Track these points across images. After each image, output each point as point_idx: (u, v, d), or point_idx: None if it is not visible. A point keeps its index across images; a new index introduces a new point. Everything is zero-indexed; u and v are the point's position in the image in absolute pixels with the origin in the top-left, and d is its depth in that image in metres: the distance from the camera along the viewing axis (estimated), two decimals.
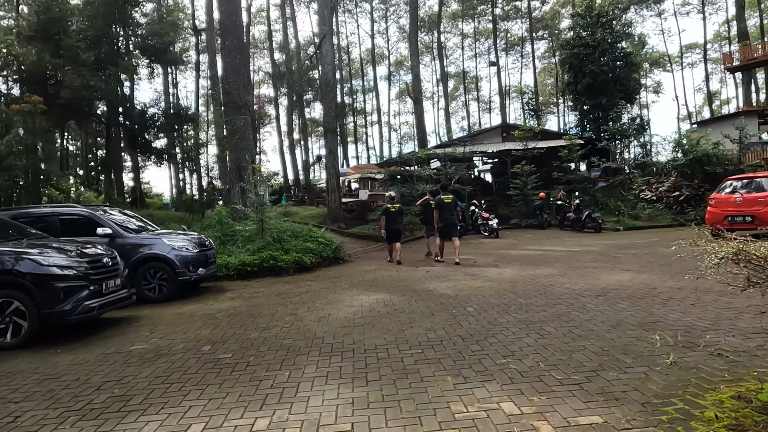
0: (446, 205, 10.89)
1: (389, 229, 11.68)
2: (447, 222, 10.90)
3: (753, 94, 39.47)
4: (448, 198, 11.00)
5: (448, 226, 10.97)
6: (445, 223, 10.92)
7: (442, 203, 10.87)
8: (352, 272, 10.40)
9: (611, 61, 25.31)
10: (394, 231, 11.72)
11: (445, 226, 10.97)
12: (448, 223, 10.92)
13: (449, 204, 10.94)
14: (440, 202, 10.90)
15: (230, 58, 13.63)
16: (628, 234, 15.24)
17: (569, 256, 10.69)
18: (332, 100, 19.59)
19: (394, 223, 11.72)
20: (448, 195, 11.12)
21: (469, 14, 62.76)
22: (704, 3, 55.06)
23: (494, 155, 26.54)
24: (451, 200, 11.01)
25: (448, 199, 10.98)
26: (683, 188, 18.41)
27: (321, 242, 12.01)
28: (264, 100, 62.79)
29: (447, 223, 10.92)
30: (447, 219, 10.88)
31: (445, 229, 11.02)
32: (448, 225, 10.94)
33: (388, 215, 11.64)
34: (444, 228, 11.01)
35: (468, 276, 8.70)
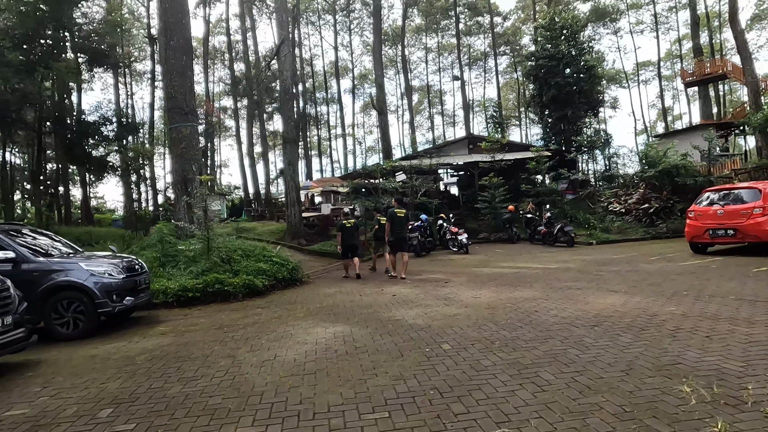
0: (398, 219, 10.77)
1: (346, 244, 11.54)
2: (398, 236, 10.79)
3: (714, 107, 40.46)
4: (401, 212, 10.91)
5: (399, 241, 10.84)
6: (396, 237, 10.79)
7: (394, 216, 10.75)
8: (309, 296, 9.23)
9: (575, 74, 25.22)
10: (351, 246, 11.59)
11: (396, 240, 10.83)
12: (399, 237, 10.81)
13: (401, 218, 10.84)
14: (392, 215, 10.78)
15: (175, 60, 12.37)
16: (601, 248, 14.66)
17: (547, 274, 9.85)
18: (291, 108, 18.48)
19: (351, 238, 11.63)
20: (401, 209, 11.04)
21: (433, 28, 63.15)
22: (657, 22, 56.94)
23: (461, 167, 25.93)
24: (403, 214, 10.93)
25: (401, 213, 10.89)
26: (652, 200, 18.12)
27: (276, 262, 10.80)
28: (224, 113, 61.02)
29: (398, 237, 10.80)
30: (398, 233, 10.77)
31: (396, 243, 10.87)
32: (399, 239, 10.82)
33: (344, 231, 11.55)
34: (395, 242, 10.87)
35: (440, 301, 7.69)
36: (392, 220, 10.78)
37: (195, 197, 10.48)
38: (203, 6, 45.81)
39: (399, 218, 10.83)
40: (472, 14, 59.35)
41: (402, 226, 10.91)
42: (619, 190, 20.59)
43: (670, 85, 66.46)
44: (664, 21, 58.52)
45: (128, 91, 48.54)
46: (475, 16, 60.01)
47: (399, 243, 10.89)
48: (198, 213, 10.40)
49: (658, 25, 56.76)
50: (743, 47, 22.11)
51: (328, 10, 59.44)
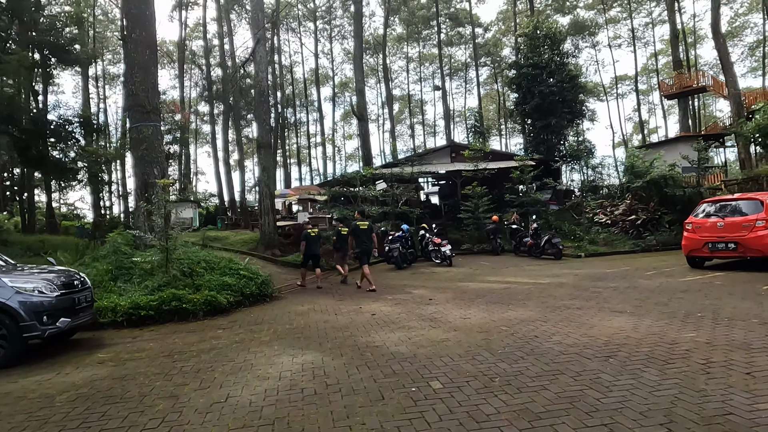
0: (362, 232, 10.82)
1: (308, 253, 11.65)
2: (363, 248, 10.82)
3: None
4: (364, 224, 10.99)
5: (364, 253, 10.85)
6: (362, 248, 10.81)
7: (357, 229, 10.82)
8: (279, 314, 8.26)
9: (559, 83, 24.89)
10: (314, 256, 11.76)
11: (362, 252, 10.84)
12: (364, 249, 10.84)
13: (365, 230, 10.90)
14: (355, 228, 10.86)
15: (137, 54, 11.36)
16: (591, 261, 14.02)
17: (539, 290, 9.08)
18: (267, 112, 17.53)
19: (314, 247, 11.75)
20: (363, 222, 11.14)
21: (414, 38, 63.00)
22: (634, 37, 57.79)
23: (443, 176, 25.27)
24: (366, 226, 11.01)
25: (364, 225, 10.97)
26: (639, 212, 17.64)
27: (243, 275, 9.79)
28: (201, 120, 59.55)
29: (363, 250, 10.83)
30: (364, 245, 10.83)
31: (361, 255, 10.89)
32: (364, 251, 10.84)
33: (307, 240, 11.60)
34: (360, 254, 10.89)
35: (425, 322, 6.82)
36: (356, 232, 10.83)
37: (154, 203, 9.42)
38: (179, 9, 44.68)
39: (362, 230, 10.85)
40: (453, 24, 59.39)
41: (366, 238, 10.92)
42: (605, 201, 20.12)
43: (645, 99, 67.44)
44: (641, 36, 59.46)
45: (101, 94, 46.93)
46: (457, 26, 60.08)
47: (364, 255, 10.86)
48: (157, 221, 9.34)
49: (635, 39, 57.60)
50: (725, 58, 22.04)
51: (309, 17, 58.81)
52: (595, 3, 56.71)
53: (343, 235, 12.24)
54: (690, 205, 16.43)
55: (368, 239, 10.99)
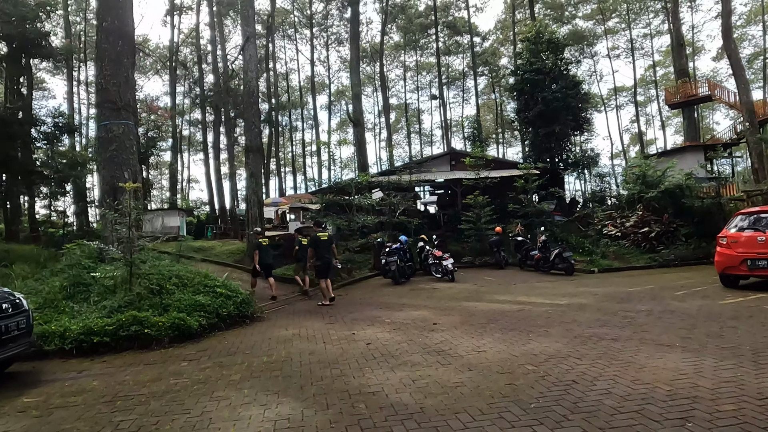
0: (322, 243, 10.60)
1: (262, 263, 11.45)
2: (325, 260, 10.53)
3: None
4: (324, 236, 10.82)
5: (326, 266, 10.58)
6: (323, 261, 10.51)
7: (318, 241, 10.61)
8: (257, 342, 7.04)
9: (563, 89, 23.92)
10: (267, 265, 11.64)
11: (323, 265, 10.54)
12: (325, 262, 10.55)
13: (325, 242, 10.68)
14: (315, 239, 10.65)
15: (108, 44, 10.23)
16: (605, 278, 12.87)
17: (560, 314, 7.91)
18: (257, 114, 16.41)
19: (268, 257, 11.66)
20: (323, 233, 11.00)
21: (411, 46, 62.33)
22: (633, 48, 57.41)
23: (443, 185, 24.18)
24: (326, 237, 10.84)
25: (324, 236, 10.78)
26: (652, 224, 16.55)
27: (220, 293, 8.57)
28: (193, 125, 58.46)
29: (325, 262, 10.54)
30: (324, 257, 10.53)
31: (322, 268, 10.57)
32: (325, 264, 10.55)
33: (260, 249, 11.46)
34: (322, 267, 10.57)
35: (431, 356, 5.64)
36: (315, 244, 10.57)
37: (119, 210, 8.22)
38: (171, 14, 43.75)
39: (323, 242, 10.61)
40: (451, 33, 58.71)
41: (327, 251, 10.66)
42: (614, 212, 19.02)
43: (643, 110, 66.95)
44: (639, 47, 59.11)
45: (85, 93, 45.63)
46: (454, 35, 59.43)
47: (325, 268, 10.57)
48: (121, 230, 8.13)
49: (634, 51, 57.20)
50: (737, 64, 21.13)
51: (305, 24, 58.01)
52: (593, 13, 56.32)
53: (303, 245, 12.15)
54: (709, 216, 15.41)
55: (328, 252, 10.71)
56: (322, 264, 10.51)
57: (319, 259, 10.53)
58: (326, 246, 10.68)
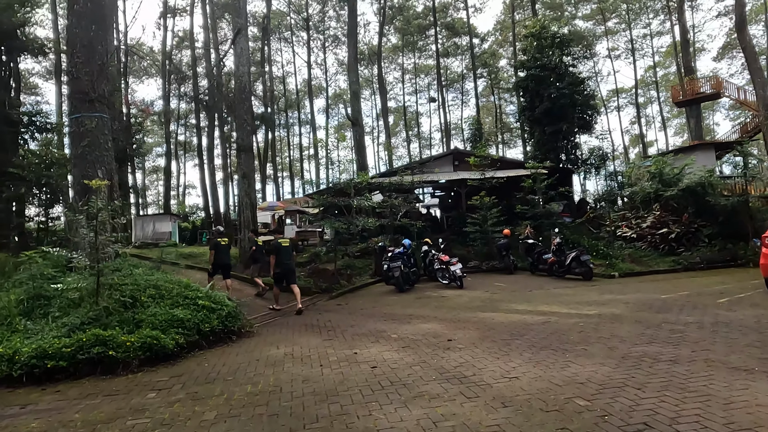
0: (283, 249, 10.38)
1: (218, 263, 11.13)
2: (285, 267, 10.29)
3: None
4: (285, 242, 10.65)
5: (286, 272, 10.35)
6: (282, 268, 10.27)
7: (279, 247, 10.38)
8: (242, 365, 5.98)
9: (570, 85, 22.96)
10: (225, 266, 11.26)
11: (283, 272, 10.31)
12: (286, 268, 10.33)
13: (286, 248, 10.49)
14: (277, 246, 10.43)
15: (80, 29, 9.23)
16: (629, 283, 11.81)
17: (593, 326, 6.86)
18: (249, 110, 15.41)
19: (225, 257, 11.29)
20: (285, 239, 10.83)
21: (409, 48, 61.54)
22: (633, 49, 56.69)
23: (446, 186, 23.16)
24: (288, 244, 10.68)
25: (285, 243, 10.61)
26: (671, 224, 15.53)
27: (203, 306, 7.50)
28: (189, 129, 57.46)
29: (285, 269, 10.30)
30: (285, 264, 10.31)
31: (283, 275, 10.33)
32: (286, 271, 10.32)
33: (217, 249, 11.09)
34: (282, 274, 10.32)
35: (452, 384, 4.59)
36: (277, 251, 10.33)
37: (84, 211, 7.17)
38: (164, 17, 42.87)
39: (284, 248, 10.40)
40: (450, 34, 57.93)
41: (288, 257, 10.47)
42: (627, 212, 18.00)
43: (643, 112, 66.17)
44: (639, 48, 58.43)
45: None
46: (453, 36, 58.66)
47: (286, 275, 10.34)
48: (87, 234, 7.09)
49: (634, 51, 56.49)
50: (752, 58, 20.23)
51: (302, 27, 57.18)
52: (593, 13, 55.61)
53: (260, 246, 12.07)
54: (735, 216, 14.40)
55: (289, 258, 10.51)
56: (282, 271, 10.30)
57: (278, 266, 10.27)
58: (287, 253, 10.50)
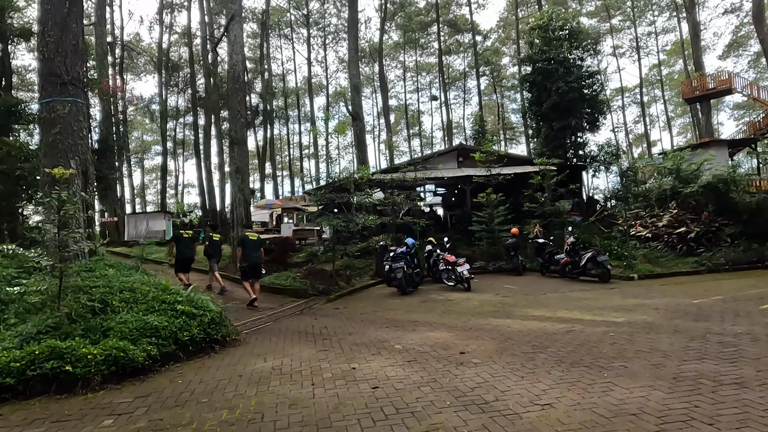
0: (251, 243, 10.23)
1: (181, 256, 10.87)
2: (252, 261, 10.15)
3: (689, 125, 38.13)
4: (253, 236, 10.50)
5: (254, 267, 10.21)
6: (250, 262, 10.12)
7: (246, 240, 10.24)
8: (222, 382, 5.12)
9: (578, 79, 22.08)
10: (187, 259, 11.08)
11: (250, 266, 10.16)
12: (253, 263, 10.19)
13: (254, 242, 10.31)
14: (244, 239, 10.32)
15: (52, 5, 8.38)
16: (651, 285, 10.91)
17: (627, 337, 6.00)
18: (243, 101, 14.56)
19: (187, 251, 11.04)
20: (253, 233, 10.62)
21: (411, 45, 60.75)
22: (638, 47, 55.87)
23: (450, 183, 22.30)
24: (255, 238, 10.48)
25: (253, 236, 10.46)
26: (689, 223, 14.67)
27: (182, 311, 6.64)
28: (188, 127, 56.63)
29: (252, 263, 10.16)
30: (252, 258, 10.16)
31: (249, 269, 10.18)
32: (253, 265, 10.19)
33: (179, 242, 10.77)
34: (249, 268, 10.16)
35: (472, 414, 3.73)
36: (244, 244, 10.17)
37: (47, 205, 6.31)
38: (161, 12, 42.09)
39: (252, 242, 10.23)
40: (452, 32, 57.14)
41: (256, 251, 10.28)
42: (641, 210, 17.13)
43: (646, 111, 65.40)
44: (644, 46, 57.62)
45: None
46: (455, 33, 57.90)
47: (253, 269, 10.21)
48: (50, 231, 6.23)
49: (639, 48, 55.66)
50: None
51: (302, 23, 56.37)
52: (598, 10, 54.77)
53: (215, 241, 11.83)
54: (760, 214, 13.53)
55: (256, 252, 10.28)
56: (249, 265, 10.13)
57: (245, 259, 10.11)
58: (255, 246, 10.28)
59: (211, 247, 12.05)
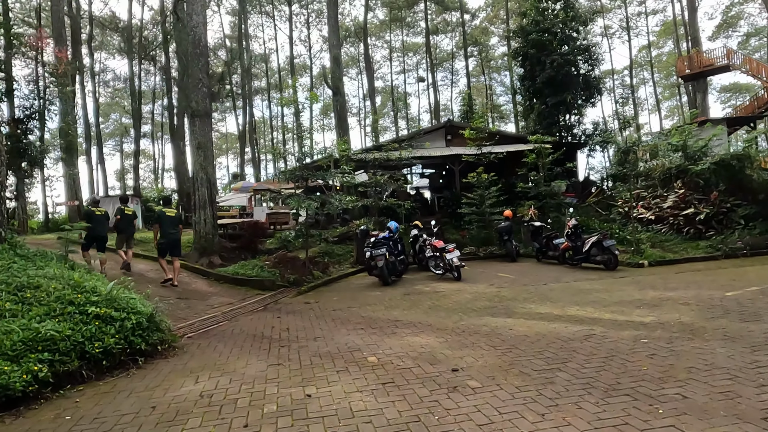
0: (168, 219, 9.89)
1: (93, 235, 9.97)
2: (170, 238, 9.83)
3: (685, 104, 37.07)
4: (171, 212, 10.18)
5: (171, 243, 9.91)
6: (167, 239, 9.81)
7: (163, 216, 9.91)
8: (123, 420, 3.69)
9: (575, 52, 20.66)
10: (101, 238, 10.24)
11: (168, 243, 9.86)
12: (171, 239, 9.87)
13: (172, 218, 9.99)
14: (161, 215, 9.98)
15: None
16: (664, 273, 9.63)
17: (666, 345, 4.67)
18: (203, 68, 12.84)
19: (101, 228, 10.29)
20: (171, 209, 10.32)
21: (397, 24, 58.77)
22: (629, 27, 54.69)
23: (437, 164, 20.86)
24: (174, 214, 10.20)
25: (171, 213, 10.14)
26: (697, 204, 13.46)
27: (95, 315, 5.16)
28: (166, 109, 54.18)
29: (169, 239, 9.84)
30: (170, 235, 9.82)
31: (167, 245, 9.90)
32: (171, 242, 9.88)
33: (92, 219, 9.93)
34: (165, 245, 9.89)
35: None
36: (161, 221, 9.86)
37: None
38: None
39: (169, 218, 9.88)
40: (439, 10, 55.23)
41: (174, 228, 9.89)
42: (643, 191, 15.88)
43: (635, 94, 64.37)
44: (634, 26, 56.43)
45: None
46: (443, 12, 56.03)
47: (171, 246, 9.90)
48: None
49: (629, 29, 54.49)
50: None
51: (283, 1, 53.94)
52: None
53: (127, 215, 11.04)
54: None
55: (174, 229, 9.88)
56: (166, 242, 9.78)
57: (163, 236, 9.74)
58: (173, 223, 9.88)
59: (122, 221, 10.97)
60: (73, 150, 21.42)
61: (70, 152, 21.19)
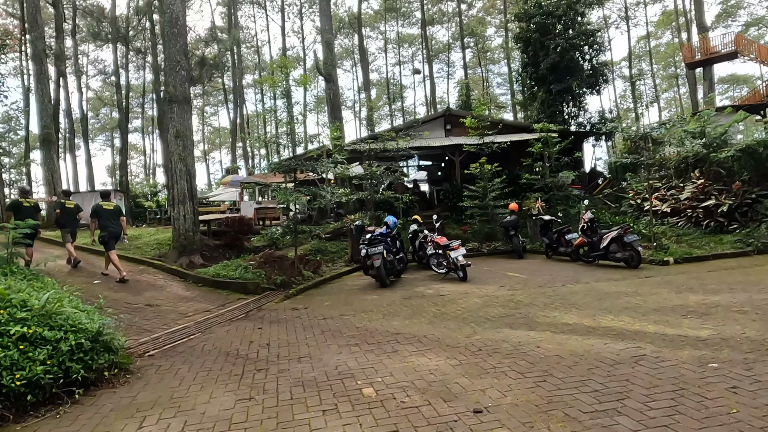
0: (106, 213, 9.73)
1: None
2: (111, 232, 9.68)
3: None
4: (109, 205, 9.95)
5: (114, 237, 9.74)
6: (108, 232, 9.63)
7: (100, 210, 9.74)
8: None
9: (580, 36, 19.59)
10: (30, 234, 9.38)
11: (109, 234, 9.64)
12: (113, 232, 9.72)
13: (110, 211, 9.82)
14: (97, 209, 9.78)
15: None
16: (695, 272, 8.61)
17: (746, 372, 3.68)
18: (181, 49, 11.70)
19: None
20: (109, 203, 10.05)
21: (392, 15, 57.51)
22: (627, 17, 53.70)
23: (438, 153, 19.80)
24: (112, 207, 9.97)
25: (109, 206, 9.92)
26: (717, 195, 12.49)
27: (18, 337, 4.10)
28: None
29: (111, 233, 9.67)
30: (111, 228, 9.68)
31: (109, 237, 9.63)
32: (113, 235, 9.71)
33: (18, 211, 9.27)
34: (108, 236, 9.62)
35: None
36: (98, 215, 9.74)
37: None
38: None
39: (107, 211, 9.79)
40: (435, 0, 54.03)
41: (114, 220, 9.81)
42: (657, 182, 14.90)
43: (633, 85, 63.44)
44: (632, 16, 55.43)
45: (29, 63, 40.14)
46: (439, 2, 54.84)
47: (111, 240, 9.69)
48: None
49: (628, 19, 53.53)
50: None
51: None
52: None
53: (68, 208, 10.79)
54: None
55: (115, 222, 9.81)
56: (108, 235, 9.63)
57: (104, 229, 9.62)
58: (111, 216, 9.77)
59: (63, 215, 10.66)
60: (51, 143, 20.22)
61: (47, 145, 20.00)
